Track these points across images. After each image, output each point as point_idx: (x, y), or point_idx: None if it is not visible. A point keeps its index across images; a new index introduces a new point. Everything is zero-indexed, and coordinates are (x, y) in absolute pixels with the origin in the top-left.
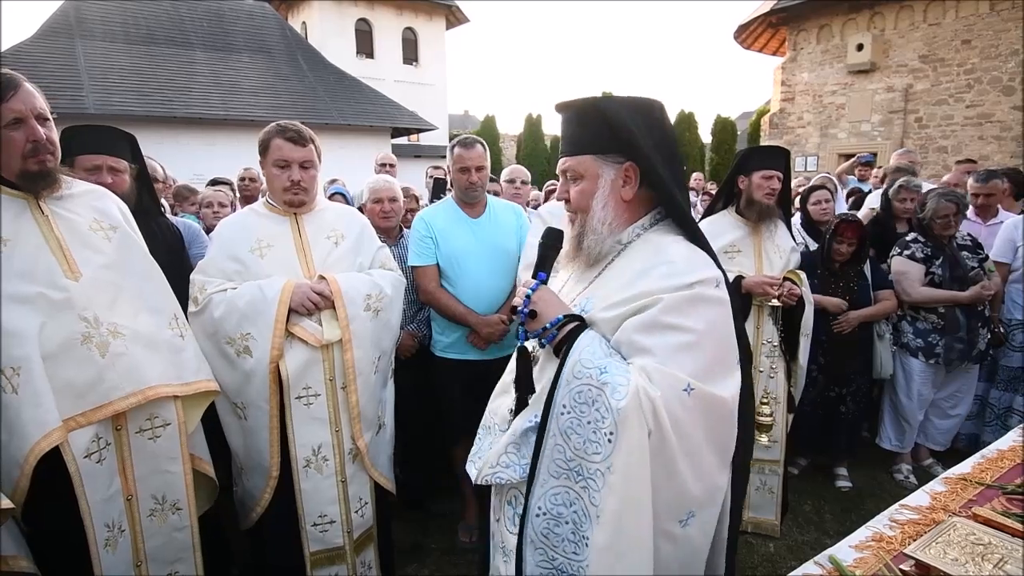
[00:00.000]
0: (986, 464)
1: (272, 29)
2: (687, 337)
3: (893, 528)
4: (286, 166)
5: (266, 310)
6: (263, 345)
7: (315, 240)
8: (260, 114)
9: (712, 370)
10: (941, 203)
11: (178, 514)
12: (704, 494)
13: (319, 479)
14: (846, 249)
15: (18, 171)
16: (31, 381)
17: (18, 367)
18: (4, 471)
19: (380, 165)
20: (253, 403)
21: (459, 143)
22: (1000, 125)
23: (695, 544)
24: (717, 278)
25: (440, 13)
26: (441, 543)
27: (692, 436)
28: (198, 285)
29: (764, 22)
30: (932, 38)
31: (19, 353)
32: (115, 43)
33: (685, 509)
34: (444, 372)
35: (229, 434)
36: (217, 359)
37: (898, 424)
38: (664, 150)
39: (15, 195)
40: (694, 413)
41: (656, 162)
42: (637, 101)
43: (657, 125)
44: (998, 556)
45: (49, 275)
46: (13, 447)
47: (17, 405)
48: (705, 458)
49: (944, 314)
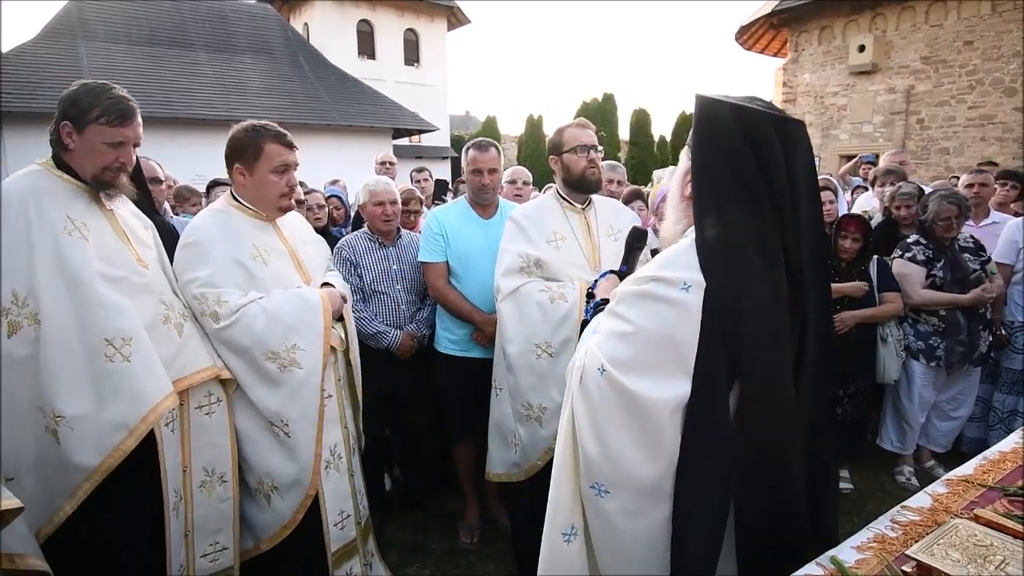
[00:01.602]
0: (988, 466)
1: (274, 30)
2: (624, 327)
3: (895, 529)
4: (285, 171)
5: (314, 319)
6: (313, 354)
7: (297, 245)
8: (263, 115)
9: (637, 364)
10: (943, 205)
11: (223, 486)
12: (612, 472)
13: (337, 477)
14: (851, 244)
15: (91, 176)
16: (143, 350)
17: (128, 338)
18: (96, 435)
19: (380, 164)
20: (302, 416)
21: (474, 146)
22: (1002, 127)
23: (617, 524)
24: (687, 280)
25: (441, 14)
26: (442, 544)
27: (599, 410)
28: (213, 298)
29: (765, 23)
30: (934, 39)
31: (126, 325)
32: (117, 44)
33: (592, 477)
34: (448, 368)
35: (259, 456)
36: (250, 376)
37: (899, 426)
38: (737, 162)
39: (83, 187)
40: (605, 393)
41: (713, 168)
42: (745, 111)
43: (748, 137)
44: (1000, 558)
45: (128, 261)
46: (116, 411)
47: (130, 372)
48: (613, 438)
49: (945, 316)
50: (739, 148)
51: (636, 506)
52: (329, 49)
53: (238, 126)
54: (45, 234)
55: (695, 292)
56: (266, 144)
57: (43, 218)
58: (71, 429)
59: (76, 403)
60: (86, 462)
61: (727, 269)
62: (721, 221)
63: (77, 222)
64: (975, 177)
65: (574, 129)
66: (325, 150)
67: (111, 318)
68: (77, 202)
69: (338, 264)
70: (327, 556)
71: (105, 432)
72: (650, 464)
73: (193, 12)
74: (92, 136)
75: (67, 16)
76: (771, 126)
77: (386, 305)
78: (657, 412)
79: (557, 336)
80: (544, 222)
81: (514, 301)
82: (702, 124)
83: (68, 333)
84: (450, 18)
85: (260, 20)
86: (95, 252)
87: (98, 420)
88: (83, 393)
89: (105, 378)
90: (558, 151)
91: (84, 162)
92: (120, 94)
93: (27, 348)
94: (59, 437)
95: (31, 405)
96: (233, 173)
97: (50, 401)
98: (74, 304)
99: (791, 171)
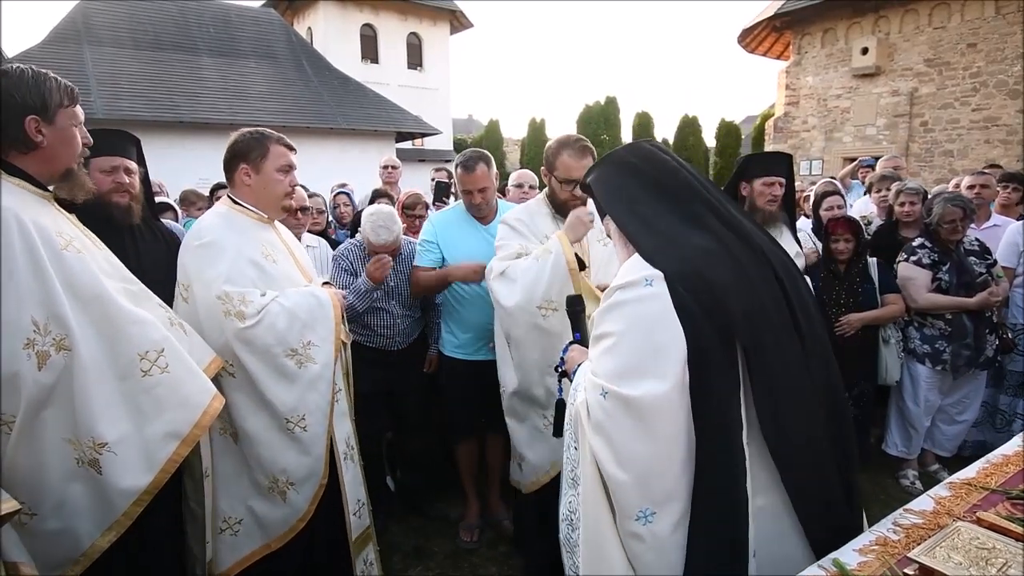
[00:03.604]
0: (991, 469)
1: (278, 35)
2: (607, 340)
3: (897, 532)
4: (288, 171)
5: (325, 315)
6: (326, 348)
7: (294, 246)
8: (266, 119)
9: (630, 368)
10: (947, 207)
11: (206, 480)
12: (649, 491)
13: (351, 467)
14: (844, 246)
15: (66, 169)
16: (180, 358)
17: (160, 348)
18: (143, 452)
19: (383, 168)
20: (317, 409)
21: (461, 164)
22: (1007, 129)
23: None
24: (648, 276)
25: (444, 18)
26: (444, 546)
27: (614, 435)
28: (237, 298)
29: (768, 26)
30: (937, 41)
31: (156, 336)
32: (123, 49)
33: (632, 508)
34: (452, 371)
35: (275, 454)
36: (269, 376)
37: (904, 430)
38: (629, 173)
39: (44, 195)
40: (614, 414)
41: (614, 191)
42: (615, 156)
43: (633, 157)
44: (1002, 560)
45: (118, 270)
46: (163, 423)
47: (171, 381)
48: (638, 456)
49: (951, 320)
50: (628, 163)
51: (684, 512)
52: (332, 53)
53: (239, 132)
54: (49, 251)
55: (657, 283)
56: (271, 145)
57: (41, 233)
58: (115, 454)
59: (115, 426)
60: (135, 484)
61: (668, 251)
62: (641, 219)
63: (65, 235)
64: (976, 179)
65: (569, 159)
66: (328, 154)
67: (142, 332)
68: (49, 212)
69: (337, 275)
70: (349, 543)
71: (155, 446)
72: (679, 465)
73: (198, 17)
74: (64, 122)
75: (73, 21)
76: (648, 149)
77: (383, 319)
78: (665, 407)
79: (554, 287)
80: (536, 226)
81: (504, 276)
82: (598, 171)
83: (96, 355)
84: (453, 22)
85: (264, 24)
86: (94, 267)
87: (143, 437)
88: (119, 415)
89: (145, 394)
90: (550, 169)
91: (60, 155)
92: (56, 75)
93: (53, 377)
94: (101, 467)
95: (58, 438)
96: (237, 175)
97: (88, 430)
98: (96, 324)
99: (688, 169)
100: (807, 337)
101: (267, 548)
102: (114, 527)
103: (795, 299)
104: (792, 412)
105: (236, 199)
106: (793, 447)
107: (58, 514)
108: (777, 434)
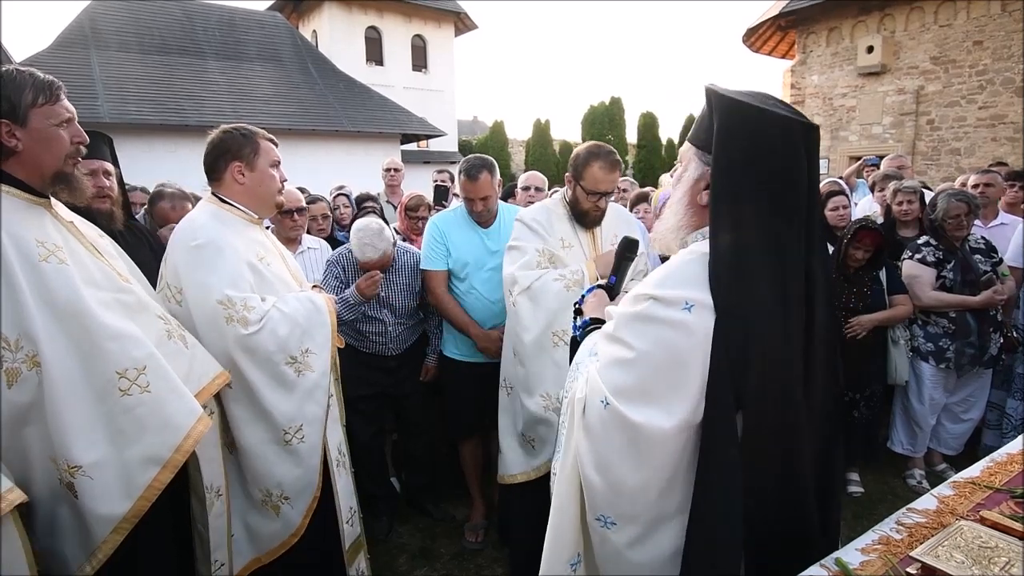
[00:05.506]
0: (995, 468)
1: (283, 38)
2: (624, 353)
3: (900, 531)
4: (278, 167)
5: (322, 322)
6: (323, 356)
7: (281, 247)
8: (272, 122)
9: (640, 392)
10: (952, 203)
11: (220, 500)
12: (618, 505)
13: (343, 475)
14: (862, 255)
15: (55, 172)
16: (164, 376)
17: (142, 366)
18: (122, 477)
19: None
20: (315, 419)
21: (465, 172)
22: (1013, 126)
23: (625, 555)
24: (688, 299)
25: (448, 20)
26: (449, 547)
27: (602, 444)
28: (240, 303)
29: (773, 25)
30: (943, 39)
31: (139, 353)
32: (129, 53)
33: (597, 509)
34: (454, 373)
35: (270, 467)
36: (267, 384)
37: (910, 428)
38: (765, 174)
39: (37, 201)
40: (608, 427)
41: (738, 180)
42: (775, 118)
43: (767, 142)
44: (1004, 559)
45: (112, 280)
46: (143, 446)
47: (153, 402)
48: (618, 471)
49: (955, 318)
50: (767, 158)
51: (643, 535)
52: (337, 56)
53: (221, 130)
54: (23, 264)
55: (697, 312)
56: (261, 141)
57: (17, 244)
58: (90, 478)
59: (91, 449)
60: (112, 511)
61: (740, 293)
62: (738, 238)
63: (48, 244)
64: (980, 177)
65: (599, 172)
66: (334, 156)
67: (121, 349)
68: (38, 220)
69: (327, 281)
70: (343, 553)
71: (134, 471)
72: (656, 493)
73: (204, 21)
74: (39, 122)
75: (80, 26)
76: (799, 134)
77: (375, 327)
78: (662, 440)
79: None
80: (553, 227)
81: (531, 293)
82: (730, 130)
83: (71, 373)
84: (457, 24)
85: (269, 28)
86: (80, 277)
87: (122, 461)
88: (96, 437)
89: (124, 414)
90: (576, 177)
91: (41, 158)
92: (34, 71)
93: (28, 395)
94: (76, 491)
95: (44, 456)
96: (228, 173)
97: (63, 451)
98: (73, 340)
99: (812, 181)
100: (812, 407)
101: (258, 562)
102: (96, 554)
103: (817, 363)
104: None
105: (224, 198)
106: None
107: (50, 532)
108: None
